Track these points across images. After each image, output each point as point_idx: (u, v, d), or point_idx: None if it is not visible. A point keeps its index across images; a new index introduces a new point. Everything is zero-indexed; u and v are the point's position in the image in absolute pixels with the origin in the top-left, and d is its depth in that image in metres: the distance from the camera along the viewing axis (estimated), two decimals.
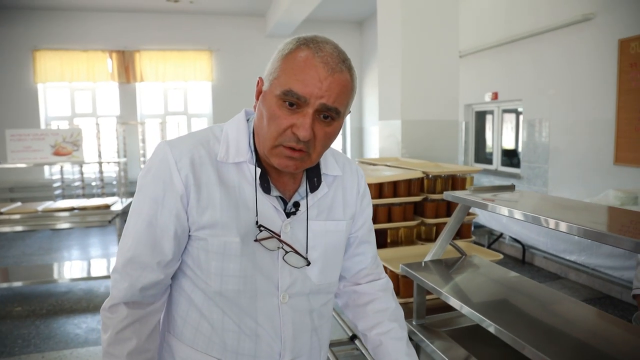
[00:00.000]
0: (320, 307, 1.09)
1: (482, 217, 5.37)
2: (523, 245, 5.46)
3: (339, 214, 1.09)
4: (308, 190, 1.04)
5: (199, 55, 8.81)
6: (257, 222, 0.98)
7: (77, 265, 5.34)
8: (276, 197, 1.01)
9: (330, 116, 0.93)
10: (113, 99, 8.65)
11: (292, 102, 0.90)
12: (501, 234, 5.64)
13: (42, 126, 8.23)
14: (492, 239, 5.83)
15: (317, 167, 1.07)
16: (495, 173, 6.45)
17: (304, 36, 0.95)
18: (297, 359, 1.06)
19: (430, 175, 2.32)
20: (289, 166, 0.95)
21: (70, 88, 8.49)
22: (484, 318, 1.30)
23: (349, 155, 10.13)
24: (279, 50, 0.95)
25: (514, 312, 1.40)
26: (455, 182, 2.36)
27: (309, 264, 1.03)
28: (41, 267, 5.38)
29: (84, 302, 4.48)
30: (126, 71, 8.42)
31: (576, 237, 4.24)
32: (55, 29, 8.13)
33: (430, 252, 1.72)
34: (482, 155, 6.92)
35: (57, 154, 4.88)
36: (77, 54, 8.20)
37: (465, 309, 1.36)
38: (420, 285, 1.59)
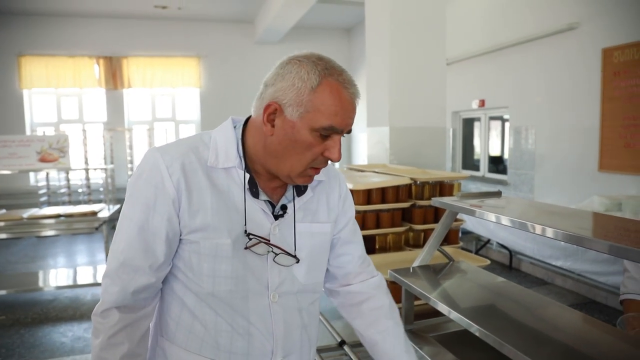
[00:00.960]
0: (308, 305, 1.13)
1: (469, 223, 5.41)
2: (510, 251, 5.51)
3: (323, 217, 1.14)
4: (295, 194, 1.09)
5: (187, 61, 8.79)
6: (245, 230, 1.01)
7: (62, 273, 5.26)
8: (264, 201, 1.06)
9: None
10: (100, 105, 8.58)
11: (329, 133, 0.98)
12: (488, 240, 5.68)
13: (28, 132, 8.13)
14: (480, 245, 5.88)
15: None
16: (482, 179, 6.51)
17: (323, 63, 0.98)
18: (289, 356, 1.09)
19: (418, 182, 2.34)
20: (310, 180, 1.05)
21: (57, 94, 8.40)
22: (471, 323, 1.31)
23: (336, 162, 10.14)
24: (302, 80, 0.95)
25: (501, 317, 1.41)
26: (443, 188, 2.39)
27: (298, 261, 1.07)
28: (26, 275, 5.30)
29: (70, 310, 4.42)
30: (113, 77, 8.37)
31: (562, 243, 4.30)
32: (41, 34, 8.06)
33: (418, 257, 1.73)
34: (469, 162, 6.98)
35: (43, 160, 4.83)
36: (63, 60, 8.13)
37: (453, 314, 1.37)
38: (408, 290, 1.60)
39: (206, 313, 1.03)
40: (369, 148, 3.89)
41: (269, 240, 1.04)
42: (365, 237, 2.26)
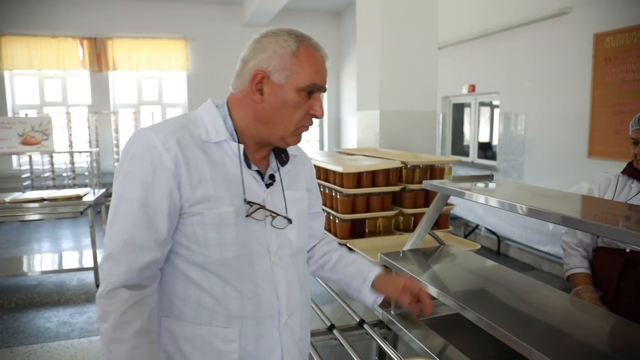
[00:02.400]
0: (302, 266, 1.23)
1: (458, 208, 5.42)
2: (498, 237, 5.54)
3: (302, 186, 1.26)
4: (279, 165, 1.20)
5: (174, 43, 8.62)
6: (245, 199, 1.08)
7: (47, 258, 5.18)
8: (255, 171, 1.13)
9: None
10: (84, 88, 8.40)
11: (312, 90, 1.08)
12: (477, 226, 5.71)
13: (10, 115, 7.93)
14: (468, 230, 5.90)
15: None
16: (472, 165, 6.51)
17: (295, 32, 1.10)
18: (292, 315, 1.16)
19: (409, 165, 2.30)
20: (299, 140, 1.16)
21: (39, 76, 8.19)
22: (462, 305, 1.29)
23: (326, 146, 10.10)
24: (282, 47, 1.06)
25: (492, 300, 1.39)
26: (434, 172, 2.36)
27: (290, 222, 1.16)
28: (9, 260, 5.20)
29: (55, 296, 4.35)
30: (98, 59, 8.18)
31: (550, 228, 4.32)
32: (22, 13, 7.82)
33: (409, 241, 1.71)
34: (459, 147, 6.97)
35: (25, 143, 4.70)
36: (45, 40, 7.91)
37: (443, 297, 1.35)
38: (398, 274, 1.58)
39: (214, 283, 1.07)
40: (358, 132, 3.84)
41: (265, 206, 1.12)
42: (355, 221, 2.24)
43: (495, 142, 6.15)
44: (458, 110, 6.96)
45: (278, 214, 1.13)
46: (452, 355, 1.44)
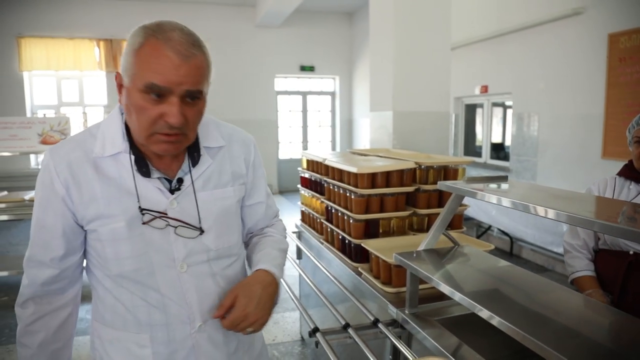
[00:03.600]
0: (222, 270, 1.16)
1: (470, 209, 5.40)
2: (511, 238, 5.52)
3: (226, 181, 1.16)
4: (190, 165, 1.10)
5: None
6: (139, 207, 1.04)
7: None
8: (158, 178, 1.08)
9: (196, 97, 1.00)
10: (100, 88, 8.53)
11: (157, 93, 0.95)
12: (489, 226, 5.69)
13: (28, 115, 8.09)
14: (481, 231, 5.89)
15: (196, 142, 1.12)
16: (484, 166, 6.49)
17: (149, 25, 0.99)
18: (209, 321, 1.13)
19: (423, 166, 2.32)
20: (169, 150, 1.03)
21: (57, 76, 8.34)
22: (476, 304, 1.31)
23: (338, 147, 10.13)
24: (129, 44, 0.97)
25: (505, 300, 1.41)
26: (447, 173, 2.37)
27: (202, 232, 1.10)
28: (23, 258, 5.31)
29: None
30: (114, 60, 8.30)
31: (563, 229, 4.30)
32: (41, 15, 7.97)
33: (424, 241, 1.73)
34: (471, 148, 6.95)
35: (44, 142, 4.81)
36: (63, 42, 8.06)
37: (458, 296, 1.37)
38: (413, 274, 1.60)
39: (122, 292, 1.09)
40: (371, 132, 3.86)
41: (166, 214, 1.06)
42: (369, 221, 2.26)
43: (508, 143, 6.12)
44: (470, 111, 6.94)
45: (182, 222, 1.08)
46: (466, 354, 1.46)
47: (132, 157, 1.05)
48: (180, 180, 1.09)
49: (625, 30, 4.17)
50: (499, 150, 6.42)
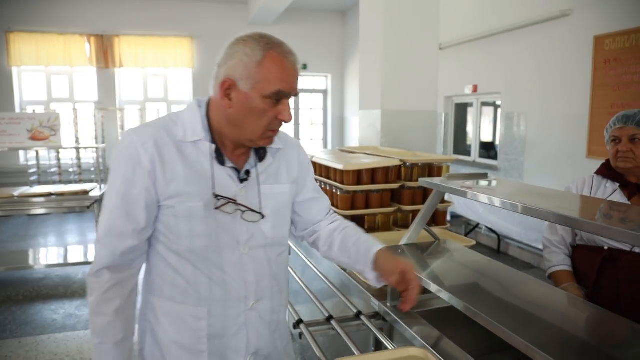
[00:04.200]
0: (275, 257, 1.30)
1: (459, 207, 5.48)
2: (498, 236, 5.60)
3: (283, 179, 1.31)
4: (257, 161, 1.26)
5: (180, 41, 8.71)
6: (214, 193, 1.17)
7: (53, 252, 5.27)
8: (230, 167, 1.21)
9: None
10: (91, 85, 8.50)
11: (279, 97, 1.13)
12: (477, 224, 5.76)
13: (17, 111, 8.04)
14: (469, 229, 5.96)
15: None
16: (473, 164, 6.56)
17: (260, 39, 1.13)
18: (260, 301, 1.27)
19: (408, 164, 2.37)
20: (270, 142, 1.22)
21: (47, 72, 8.30)
22: (453, 296, 1.35)
23: (330, 145, 10.17)
24: (247, 55, 1.11)
25: (483, 293, 1.46)
26: (432, 170, 2.42)
27: (263, 217, 1.23)
28: (16, 254, 5.30)
29: (61, 289, 4.44)
30: (105, 56, 8.27)
31: None
32: (31, 10, 7.92)
33: (405, 236, 1.77)
34: (461, 147, 7.02)
35: (33, 138, 4.79)
36: (53, 37, 8.01)
37: (435, 288, 1.42)
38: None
39: (186, 268, 1.19)
40: (360, 131, 3.91)
41: (236, 201, 1.19)
42: (354, 217, 2.30)
43: (497, 142, 6.20)
44: (461, 110, 7.01)
45: (248, 208, 1.21)
46: (446, 346, 1.50)
47: (213, 146, 1.18)
48: (247, 172, 1.23)
49: (610, 32, 4.24)
50: (489, 149, 6.49)
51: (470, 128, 6.84)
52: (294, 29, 9.40)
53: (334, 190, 2.33)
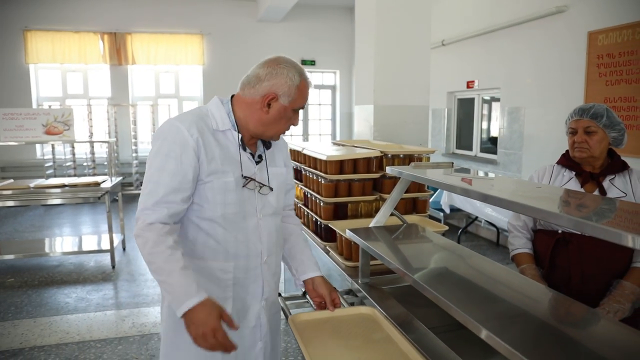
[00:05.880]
0: (278, 223, 1.65)
1: (458, 201, 5.60)
2: (497, 229, 5.71)
3: (280, 163, 1.67)
4: (264, 148, 1.61)
5: (191, 38, 8.93)
6: (242, 174, 1.50)
7: (68, 241, 5.54)
8: (249, 152, 1.55)
9: None
10: (104, 81, 8.77)
11: (299, 110, 1.54)
12: (476, 217, 5.88)
13: (34, 106, 8.35)
14: (469, 222, 6.07)
15: None
16: (474, 159, 6.67)
17: (298, 68, 1.50)
18: (270, 255, 1.60)
19: (389, 155, 2.52)
20: (279, 138, 1.62)
21: (62, 69, 8.60)
22: (412, 276, 1.49)
23: (338, 138, 10.31)
24: (291, 79, 1.47)
25: (444, 275, 1.59)
26: (412, 161, 2.57)
27: (272, 190, 1.59)
28: (33, 242, 5.58)
29: (75, 275, 4.70)
30: (118, 53, 8.53)
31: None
32: (46, 9, 8.22)
33: (375, 219, 1.93)
34: (465, 142, 7.11)
35: (48, 133, 5.05)
36: (68, 35, 8.30)
37: (395, 267, 1.57)
38: (363, 249, 1.81)
39: (218, 231, 1.49)
40: (357, 125, 4.06)
41: (255, 179, 1.54)
42: (337, 205, 2.47)
43: (497, 136, 6.28)
44: (464, 106, 7.10)
45: (264, 184, 1.56)
46: (412, 322, 1.64)
47: (240, 135, 1.51)
48: (260, 157, 1.57)
49: (604, 28, 4.32)
50: (492, 144, 6.58)
51: (472, 123, 6.93)
52: (303, 26, 9.56)
53: (319, 179, 2.49)
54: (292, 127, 1.58)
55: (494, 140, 6.54)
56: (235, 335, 1.36)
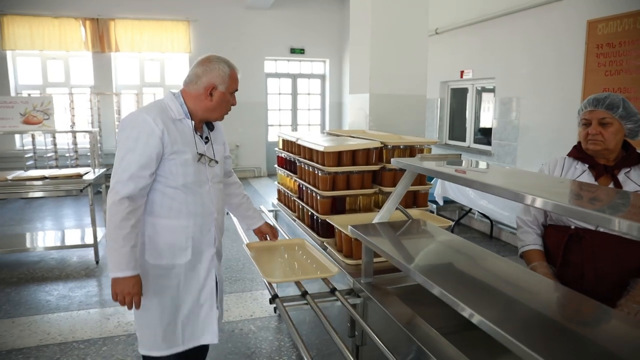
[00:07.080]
0: (220, 189, 2.06)
1: (451, 192, 5.49)
2: (491, 221, 5.63)
3: (219, 141, 2.08)
4: (208, 130, 2.03)
5: (176, 25, 8.67)
6: (197, 152, 1.90)
7: (49, 235, 5.32)
8: (199, 135, 1.94)
9: None
10: (87, 69, 8.48)
11: (234, 92, 1.95)
12: (470, 209, 5.79)
13: (12, 95, 8.04)
14: (462, 214, 5.99)
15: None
16: (468, 150, 6.57)
17: (226, 61, 1.92)
18: (219, 214, 2.03)
19: (389, 146, 2.39)
20: (223, 118, 2.03)
21: (42, 56, 8.28)
22: (420, 275, 1.38)
23: (327, 128, 10.17)
24: (222, 70, 1.89)
25: (452, 271, 1.48)
26: (413, 153, 2.44)
27: (217, 162, 2.00)
28: (13, 237, 5.35)
29: (56, 271, 4.50)
30: (100, 40, 8.24)
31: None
32: None
33: (378, 215, 1.80)
34: (458, 132, 7.01)
35: (27, 122, 4.81)
36: (48, 21, 7.98)
37: (403, 266, 1.45)
38: (367, 246, 1.68)
39: (180, 196, 1.88)
40: (350, 115, 3.92)
41: (205, 155, 1.93)
42: (335, 198, 2.33)
43: (492, 126, 6.19)
44: (457, 96, 6.99)
45: (212, 159, 1.97)
46: (416, 322, 1.54)
47: (193, 122, 1.90)
48: (206, 138, 1.98)
49: (603, 17, 4.22)
50: (488, 135, 6.49)
51: (466, 113, 6.83)
52: (292, 14, 9.35)
53: (316, 172, 2.35)
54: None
55: (486, 131, 6.45)
56: (194, 271, 1.95)
